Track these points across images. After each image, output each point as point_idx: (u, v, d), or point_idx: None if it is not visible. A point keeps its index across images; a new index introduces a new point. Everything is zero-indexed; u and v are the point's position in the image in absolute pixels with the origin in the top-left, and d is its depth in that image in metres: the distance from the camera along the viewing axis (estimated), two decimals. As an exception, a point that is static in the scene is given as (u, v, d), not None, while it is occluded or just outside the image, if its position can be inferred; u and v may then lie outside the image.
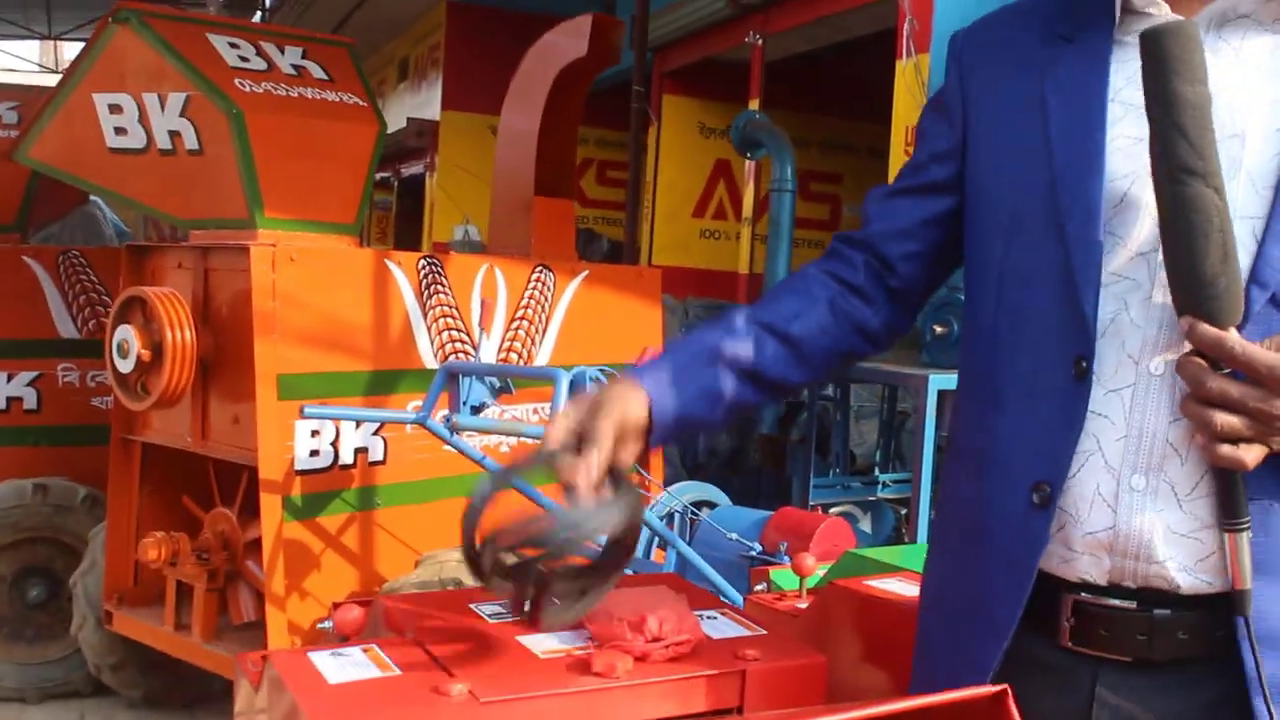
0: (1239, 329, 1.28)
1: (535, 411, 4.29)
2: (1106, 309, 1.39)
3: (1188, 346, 1.32)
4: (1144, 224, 1.37)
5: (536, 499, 3.49)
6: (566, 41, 4.62)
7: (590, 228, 15.33)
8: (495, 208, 4.89)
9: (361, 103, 4.19)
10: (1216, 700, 1.39)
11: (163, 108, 3.90)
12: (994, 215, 1.52)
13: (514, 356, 4.29)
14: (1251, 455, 1.29)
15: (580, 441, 1.44)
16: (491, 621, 1.74)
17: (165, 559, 3.80)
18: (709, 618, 1.80)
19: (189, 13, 4.26)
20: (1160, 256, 1.34)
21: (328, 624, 1.73)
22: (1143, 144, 1.35)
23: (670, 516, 4.00)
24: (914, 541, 4.99)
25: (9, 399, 4.96)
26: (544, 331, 4.39)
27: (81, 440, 4.94)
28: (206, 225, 4.00)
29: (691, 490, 4.24)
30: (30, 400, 5.00)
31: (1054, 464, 1.40)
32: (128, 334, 3.72)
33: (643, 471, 4.49)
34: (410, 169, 17.46)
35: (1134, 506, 1.38)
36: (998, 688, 1.34)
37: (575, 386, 3.23)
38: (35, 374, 5.00)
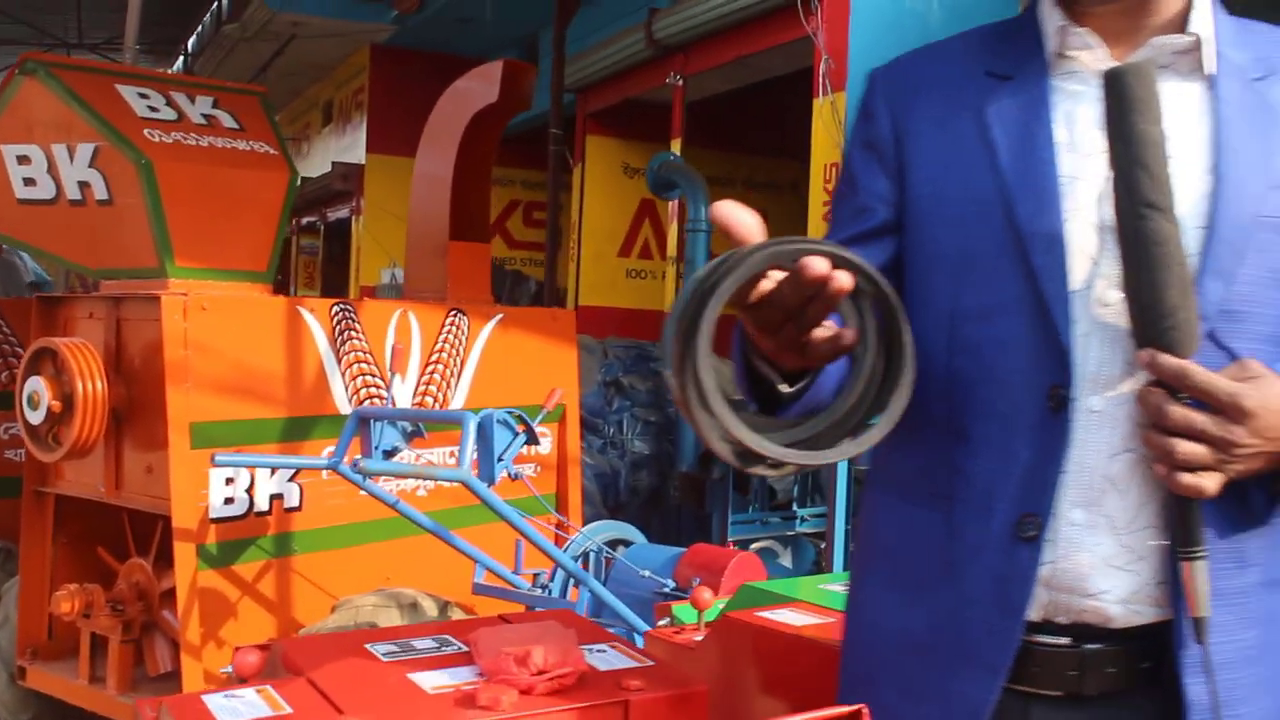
0: None
1: (451, 454, 4.32)
2: None
3: (1129, 382, 1.38)
4: (1078, 262, 1.40)
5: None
6: (478, 87, 4.68)
7: (519, 269, 15.38)
8: (410, 252, 4.94)
9: (272, 151, 4.22)
10: None
11: (71, 158, 3.91)
12: (940, 252, 1.51)
13: (429, 400, 4.32)
14: (1213, 482, 1.32)
15: None
16: (384, 660, 1.78)
17: (79, 611, 3.79)
18: (598, 651, 1.85)
19: (97, 64, 4.28)
20: (1096, 293, 1.39)
21: (229, 669, 1.77)
22: (1076, 182, 1.41)
23: (586, 555, 4.05)
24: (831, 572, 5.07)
25: (-79, 453, 4.92)
26: (459, 374, 4.43)
27: (-4, 493, 4.91)
28: (118, 275, 4.01)
29: (607, 529, 4.28)
30: (-58, 454, 4.96)
31: (1040, 496, 1.40)
32: (38, 385, 3.72)
33: (560, 515, 4.54)
34: (336, 213, 17.43)
35: (1072, 540, 1.41)
36: (853, 708, 1.41)
37: (483, 429, 3.28)
38: (-52, 427, 4.97)
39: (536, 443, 3.47)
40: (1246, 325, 1.40)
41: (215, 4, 16.78)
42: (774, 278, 1.23)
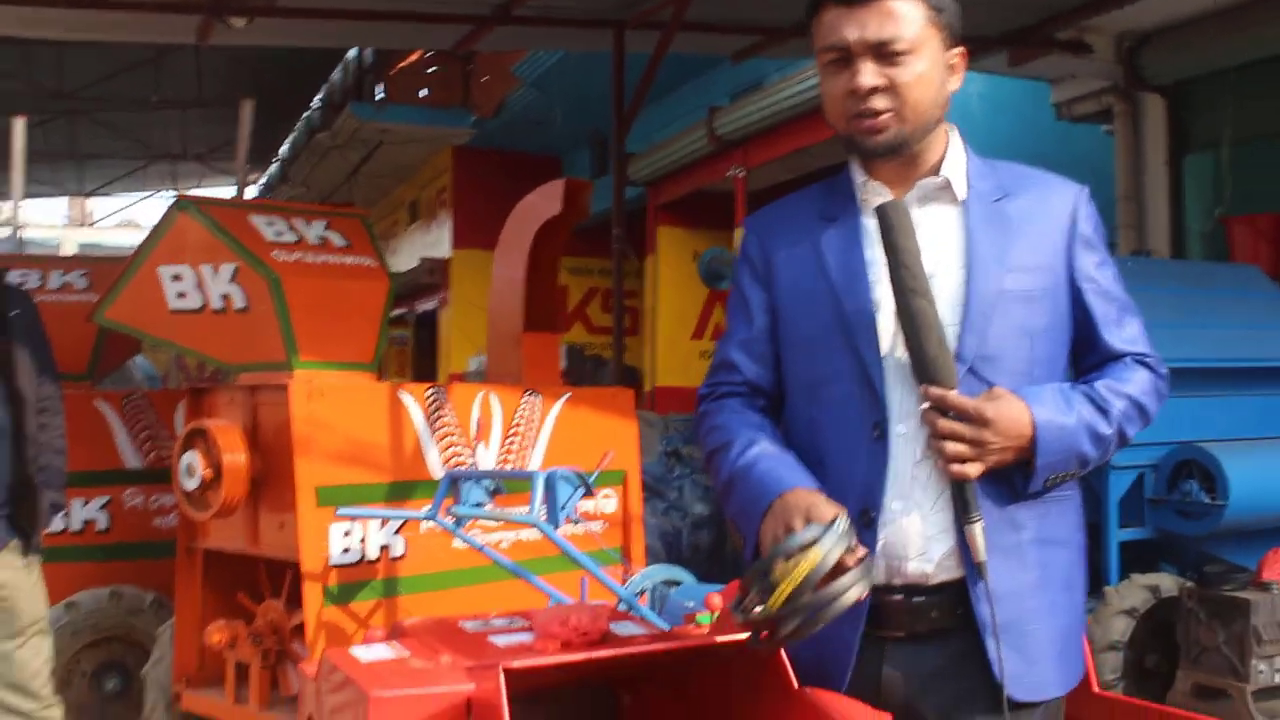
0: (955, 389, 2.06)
1: (527, 510, 5.11)
2: None
3: (923, 407, 2.09)
4: (883, 336, 2.14)
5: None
6: (543, 203, 5.53)
7: (598, 353, 16.06)
8: (491, 343, 5.78)
9: (374, 264, 5.11)
10: (962, 653, 2.13)
11: (215, 276, 4.81)
12: (797, 336, 2.23)
13: (508, 466, 5.12)
14: (975, 469, 2.05)
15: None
16: (470, 630, 2.58)
17: (228, 642, 4.62)
18: (623, 624, 2.62)
19: (235, 200, 5.21)
20: (895, 355, 2.12)
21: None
22: (878, 285, 2.15)
23: (644, 592, 4.81)
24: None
25: (85, 521, 5.80)
26: (534, 445, 5.22)
27: (146, 554, 5.76)
28: (252, 368, 4.87)
29: (662, 572, 5.05)
30: (102, 522, 5.84)
31: (874, 495, 2.12)
32: (193, 458, 4.58)
33: (624, 560, 5.31)
34: (424, 305, 18.20)
35: (896, 523, 2.13)
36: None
37: (549, 483, 4.08)
38: (105, 499, 5.85)
39: (592, 494, 4.26)
40: (1001, 364, 2.14)
41: (307, 114, 17.89)
42: None
